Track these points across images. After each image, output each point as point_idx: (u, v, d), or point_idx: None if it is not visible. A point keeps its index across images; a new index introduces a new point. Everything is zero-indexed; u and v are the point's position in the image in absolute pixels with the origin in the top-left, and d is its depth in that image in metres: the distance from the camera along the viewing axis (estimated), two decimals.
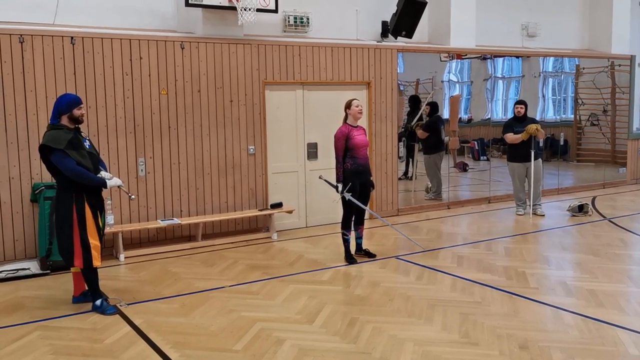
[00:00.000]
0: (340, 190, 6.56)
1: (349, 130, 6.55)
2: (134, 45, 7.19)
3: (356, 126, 6.64)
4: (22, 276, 6.24)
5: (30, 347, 4.48)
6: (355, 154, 6.55)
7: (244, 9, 7.37)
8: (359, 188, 6.62)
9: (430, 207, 9.77)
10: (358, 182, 6.58)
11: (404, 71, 9.49)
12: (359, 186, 6.61)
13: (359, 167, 6.57)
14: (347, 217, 6.68)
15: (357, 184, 6.58)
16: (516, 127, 9.00)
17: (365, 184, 6.70)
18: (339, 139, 6.53)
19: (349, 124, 6.62)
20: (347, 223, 6.70)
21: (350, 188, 6.52)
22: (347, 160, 6.56)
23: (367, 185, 6.74)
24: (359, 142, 6.55)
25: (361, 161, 6.59)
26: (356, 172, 6.56)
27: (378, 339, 4.55)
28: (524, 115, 9.07)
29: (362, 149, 6.60)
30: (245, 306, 5.33)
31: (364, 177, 6.65)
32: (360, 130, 6.67)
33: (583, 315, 4.99)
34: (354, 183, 6.54)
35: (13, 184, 6.62)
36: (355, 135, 6.55)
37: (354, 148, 6.53)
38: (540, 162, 9.24)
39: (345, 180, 6.52)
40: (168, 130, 7.48)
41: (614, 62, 11.97)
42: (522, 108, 9.08)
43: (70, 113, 5.05)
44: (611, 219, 8.89)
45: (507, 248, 7.29)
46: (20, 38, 6.56)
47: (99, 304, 5.20)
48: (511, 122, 9.19)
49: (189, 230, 7.69)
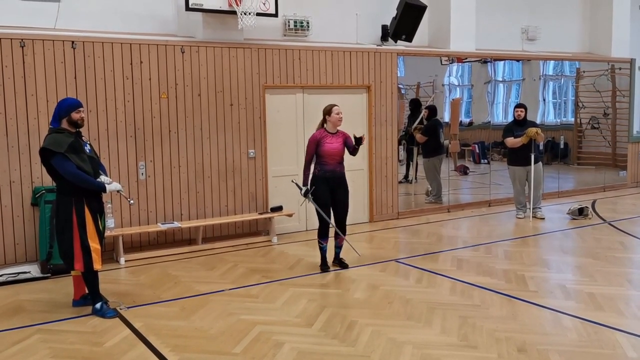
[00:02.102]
0: (303, 193, 6.44)
1: (321, 137, 6.40)
2: (135, 50, 7.22)
3: (334, 132, 6.48)
4: (22, 279, 6.26)
5: (30, 351, 4.50)
6: (324, 160, 6.38)
7: (244, 13, 7.40)
8: (330, 196, 6.44)
9: (431, 211, 9.78)
10: (327, 188, 6.41)
11: (405, 74, 9.51)
12: (330, 194, 6.43)
13: (326, 173, 6.38)
14: (322, 226, 6.53)
15: (325, 190, 6.40)
16: (516, 131, 9.00)
17: (338, 191, 6.47)
18: (310, 143, 6.42)
19: (326, 130, 6.46)
20: (322, 232, 6.53)
21: (314, 192, 6.38)
22: (316, 167, 6.43)
23: (341, 193, 6.50)
24: (329, 150, 6.36)
25: (329, 167, 6.39)
26: (323, 179, 6.39)
27: (377, 342, 4.56)
28: (524, 118, 9.07)
29: (332, 156, 6.39)
30: (245, 309, 5.34)
31: (333, 184, 6.43)
32: (339, 138, 6.46)
33: (582, 318, 4.99)
34: (321, 189, 6.38)
35: (14, 188, 6.64)
36: (327, 142, 6.37)
37: (323, 155, 6.37)
38: (541, 165, 9.24)
39: (310, 185, 6.39)
40: (168, 134, 7.50)
41: (614, 65, 11.98)
42: (522, 111, 9.09)
43: (68, 117, 5.08)
44: (611, 222, 8.89)
45: (507, 251, 7.29)
46: (22, 42, 6.59)
47: (99, 307, 5.22)
48: (511, 126, 9.19)
49: (189, 233, 7.70)
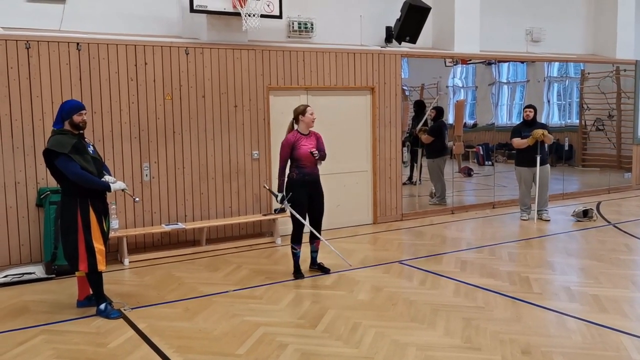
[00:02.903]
0: (279, 200, 6.26)
1: (295, 139, 6.22)
2: (139, 51, 7.24)
3: (307, 134, 6.32)
4: (27, 280, 6.28)
5: (34, 351, 4.51)
6: (302, 164, 6.20)
7: (249, 15, 7.41)
8: (307, 200, 6.28)
9: (435, 212, 9.77)
10: (305, 193, 6.24)
11: (409, 76, 9.51)
12: (307, 198, 6.27)
13: (305, 177, 6.22)
14: (297, 230, 6.36)
15: (303, 194, 6.23)
16: (524, 132, 8.97)
17: (315, 195, 6.33)
18: (284, 147, 6.22)
19: (298, 132, 6.29)
20: (296, 237, 6.37)
21: (291, 198, 6.20)
22: (293, 170, 6.23)
23: (318, 196, 6.36)
24: (306, 152, 6.19)
25: (307, 170, 6.22)
26: (302, 182, 6.21)
27: (381, 343, 4.56)
28: (532, 119, 9.03)
29: (309, 159, 6.21)
30: (249, 311, 5.34)
31: (312, 188, 6.28)
32: (311, 139, 6.30)
33: (586, 320, 4.98)
34: (299, 194, 6.21)
35: (19, 189, 6.66)
36: (302, 144, 6.20)
37: (300, 158, 6.19)
38: (548, 168, 9.20)
39: (287, 190, 6.21)
40: (173, 136, 7.52)
41: (619, 67, 11.95)
42: (531, 112, 9.03)
43: (70, 119, 5.10)
44: (616, 224, 8.86)
45: (511, 253, 7.28)
46: (27, 44, 6.61)
47: (103, 308, 5.23)
48: (519, 127, 9.16)
49: (193, 234, 7.72)
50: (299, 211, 6.28)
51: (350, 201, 8.87)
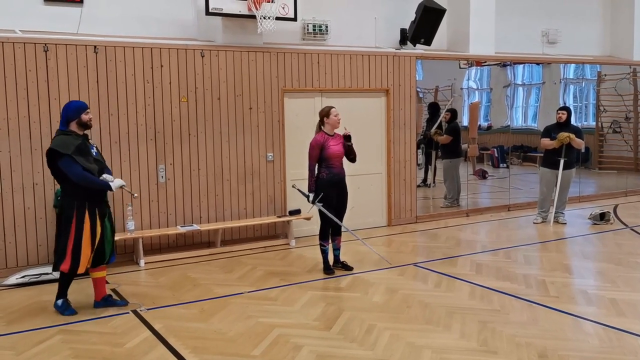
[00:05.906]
0: (311, 200, 6.42)
1: (324, 140, 6.39)
2: (155, 54, 7.29)
3: (332, 135, 6.48)
4: (44, 281, 6.34)
5: (52, 351, 4.56)
6: (331, 163, 6.39)
7: (264, 18, 7.44)
8: (335, 199, 6.46)
9: (449, 215, 9.73)
10: (334, 192, 6.42)
11: (423, 78, 9.49)
12: (335, 197, 6.45)
13: (335, 177, 6.40)
14: (325, 228, 6.52)
15: (333, 194, 6.41)
16: (554, 133, 8.86)
17: (342, 194, 6.52)
18: (314, 148, 6.38)
19: (325, 133, 6.45)
20: (324, 234, 6.53)
21: (322, 198, 6.35)
22: (322, 170, 6.40)
23: (344, 196, 6.55)
24: (335, 152, 6.39)
25: (337, 170, 6.42)
26: (332, 182, 6.39)
27: (395, 346, 4.54)
28: (565, 121, 8.89)
29: (338, 158, 6.44)
30: (264, 312, 5.36)
31: (340, 188, 6.48)
32: (337, 139, 6.48)
33: (603, 324, 4.93)
34: (329, 194, 6.38)
35: (37, 190, 6.73)
36: (331, 145, 6.38)
37: (330, 158, 6.37)
38: (573, 172, 9.08)
39: (317, 190, 6.36)
40: (188, 137, 7.56)
41: (636, 68, 11.83)
42: (564, 114, 8.89)
43: (79, 118, 5.19)
44: (633, 228, 8.76)
45: (527, 256, 7.23)
46: (45, 47, 6.69)
47: (60, 303, 5.37)
48: (551, 127, 9.02)
49: (208, 236, 7.75)
50: (331, 210, 6.42)
51: (365, 203, 8.85)
